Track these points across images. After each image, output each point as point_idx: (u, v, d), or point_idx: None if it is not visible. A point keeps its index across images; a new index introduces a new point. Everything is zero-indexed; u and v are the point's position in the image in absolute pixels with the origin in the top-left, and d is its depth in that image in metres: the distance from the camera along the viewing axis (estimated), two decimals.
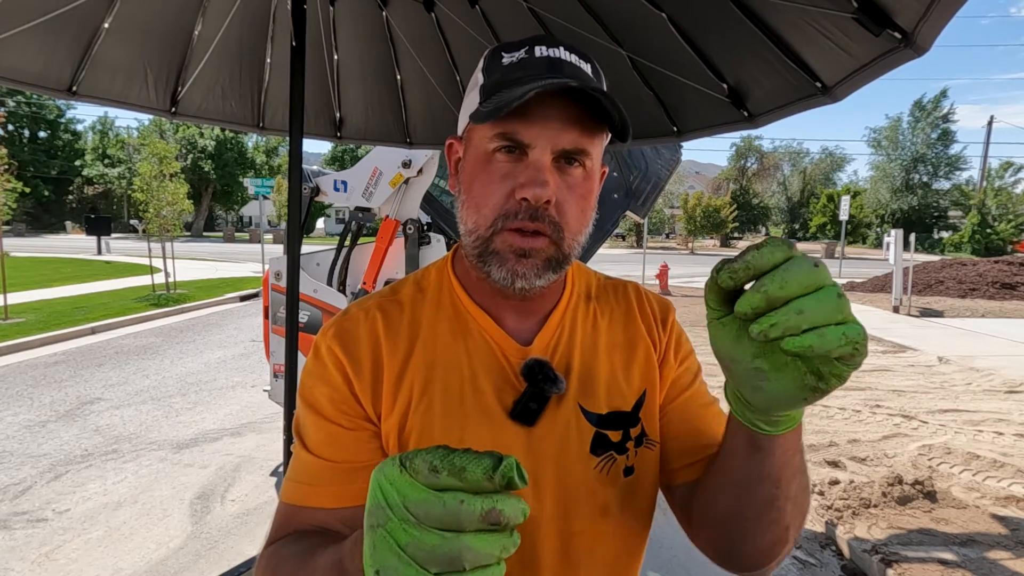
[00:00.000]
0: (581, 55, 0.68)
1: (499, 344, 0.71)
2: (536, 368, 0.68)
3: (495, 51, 0.69)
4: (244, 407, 5.28)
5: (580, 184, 0.66)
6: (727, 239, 42.11)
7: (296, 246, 2.04)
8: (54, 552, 3.00)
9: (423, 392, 0.69)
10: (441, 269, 0.78)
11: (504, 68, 0.66)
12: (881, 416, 5.06)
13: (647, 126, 2.00)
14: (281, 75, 2.20)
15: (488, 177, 0.65)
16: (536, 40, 0.68)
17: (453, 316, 0.73)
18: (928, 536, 3.09)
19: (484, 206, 0.65)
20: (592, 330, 0.76)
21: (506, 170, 0.64)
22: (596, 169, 0.68)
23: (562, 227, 0.65)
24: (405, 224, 3.76)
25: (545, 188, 0.62)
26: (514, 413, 0.68)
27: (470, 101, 0.69)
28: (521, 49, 0.67)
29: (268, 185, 15.46)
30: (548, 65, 0.65)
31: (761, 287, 0.44)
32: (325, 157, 51.08)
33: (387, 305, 0.74)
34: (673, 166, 4.21)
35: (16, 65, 1.77)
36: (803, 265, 0.43)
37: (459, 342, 0.71)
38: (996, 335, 8.88)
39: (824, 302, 0.43)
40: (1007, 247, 32.66)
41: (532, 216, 0.63)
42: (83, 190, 47.11)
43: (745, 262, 0.45)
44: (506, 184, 0.64)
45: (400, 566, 0.40)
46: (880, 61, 1.23)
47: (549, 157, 0.64)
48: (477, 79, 0.70)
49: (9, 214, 9.83)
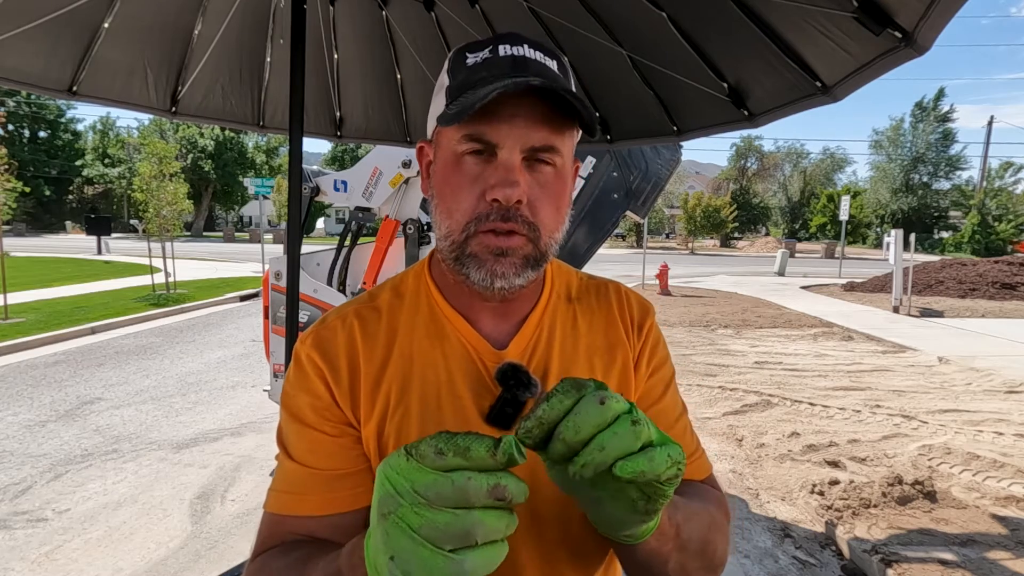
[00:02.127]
0: (547, 52, 0.67)
1: (475, 348, 0.71)
2: (510, 372, 0.68)
3: (460, 51, 0.68)
4: (244, 407, 5.28)
5: (552, 182, 0.65)
6: (727, 239, 42.11)
7: (296, 246, 2.04)
8: (54, 552, 3.00)
9: (400, 398, 0.68)
10: (419, 273, 0.78)
11: (468, 69, 0.65)
12: (881, 416, 5.06)
13: (647, 126, 2.00)
14: (281, 74, 2.20)
15: (458, 180, 0.65)
16: (500, 39, 0.67)
17: (430, 320, 0.73)
18: (928, 536, 3.09)
19: (456, 210, 0.65)
20: (572, 332, 0.75)
21: (476, 172, 0.64)
22: (568, 166, 0.68)
23: (537, 226, 0.65)
24: (405, 224, 3.76)
25: (515, 188, 0.62)
26: (489, 417, 0.67)
27: (437, 104, 0.69)
28: (485, 48, 0.66)
29: (268, 185, 15.46)
30: (512, 64, 0.64)
31: (559, 436, 0.46)
32: (325, 157, 51.10)
33: (364, 312, 0.74)
34: (673, 166, 4.21)
35: (16, 65, 1.77)
36: (590, 406, 0.46)
37: (436, 347, 0.71)
38: (996, 335, 8.88)
39: (621, 435, 0.46)
40: (1007, 247, 32.66)
41: (504, 217, 0.63)
42: (83, 190, 47.11)
43: (538, 419, 0.47)
44: (476, 186, 0.64)
45: (414, 547, 0.41)
46: (880, 61, 1.23)
47: (519, 156, 0.63)
48: (443, 81, 0.68)
49: (9, 214, 9.83)
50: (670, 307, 11.65)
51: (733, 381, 6.16)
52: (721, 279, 18.00)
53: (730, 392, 5.77)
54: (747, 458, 4.22)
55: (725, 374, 6.48)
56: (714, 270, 21.72)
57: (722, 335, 8.80)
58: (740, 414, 5.13)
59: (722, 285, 16.08)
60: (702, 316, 10.51)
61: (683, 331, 9.08)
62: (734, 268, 23.05)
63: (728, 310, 11.31)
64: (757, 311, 11.18)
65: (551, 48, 0.69)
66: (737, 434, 4.63)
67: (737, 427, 4.79)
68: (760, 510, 3.49)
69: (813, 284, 16.19)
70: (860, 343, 8.34)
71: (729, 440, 4.55)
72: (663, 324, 9.62)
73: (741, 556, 3.01)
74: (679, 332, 8.98)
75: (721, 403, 5.44)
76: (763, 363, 6.98)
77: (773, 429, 4.73)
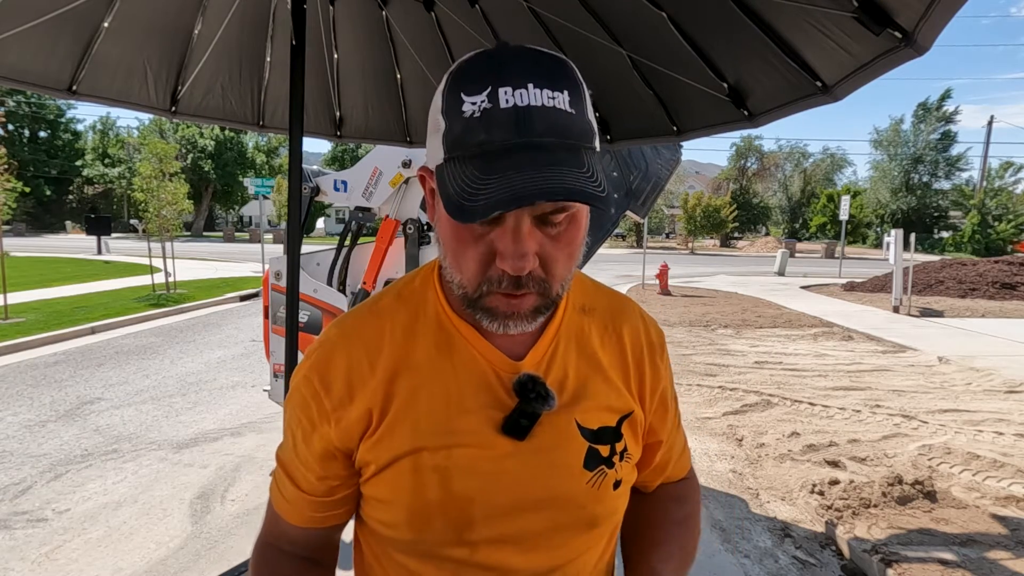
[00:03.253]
0: (553, 84, 0.57)
1: (489, 359, 0.70)
2: (529, 384, 0.67)
3: (454, 88, 0.59)
4: (244, 407, 5.28)
5: (565, 232, 0.61)
6: (727, 239, 42.10)
7: (296, 246, 2.04)
8: (54, 552, 2.99)
9: (407, 410, 0.68)
10: (426, 279, 0.75)
11: (465, 121, 0.57)
12: (881, 416, 5.06)
13: (647, 126, 2.00)
14: (281, 74, 2.20)
15: (464, 239, 0.61)
16: (499, 76, 0.56)
17: (438, 330, 0.71)
18: (928, 536, 3.09)
19: (465, 269, 0.62)
20: (586, 346, 0.75)
21: (482, 231, 0.60)
22: (582, 210, 0.62)
23: (549, 281, 0.62)
24: (405, 224, 3.75)
25: (525, 259, 0.58)
26: (505, 428, 0.67)
27: (434, 145, 0.62)
28: (483, 92, 0.56)
29: (268, 185, 15.47)
30: (516, 121, 0.55)
31: None
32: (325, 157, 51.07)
33: (367, 322, 0.73)
34: (673, 166, 4.20)
35: (16, 65, 1.77)
36: None
37: (444, 357, 0.70)
38: (996, 335, 8.88)
39: None
40: (1007, 247, 32.66)
41: (516, 284, 0.60)
42: (83, 190, 47.10)
43: None
44: (482, 246, 0.60)
45: None
46: (880, 60, 1.23)
47: (528, 222, 0.58)
48: (438, 123, 0.60)
49: (9, 214, 9.82)
50: (670, 307, 11.65)
51: (733, 381, 6.16)
52: (721, 279, 18.00)
53: (730, 392, 5.77)
54: (747, 458, 4.22)
55: (725, 374, 6.48)
56: (714, 270, 21.72)
57: (722, 335, 8.80)
58: (740, 414, 5.13)
59: (722, 285, 16.07)
60: (702, 316, 10.51)
61: (683, 331, 9.08)
62: (734, 268, 23.05)
63: (728, 310, 11.31)
64: (757, 311, 11.18)
65: (557, 73, 0.58)
66: (737, 434, 4.63)
67: (737, 427, 4.79)
68: (760, 510, 3.49)
69: (813, 284, 16.20)
70: (860, 343, 8.34)
71: (729, 440, 4.55)
72: (663, 324, 9.63)
73: (741, 556, 3.01)
74: (679, 332, 8.98)
75: (721, 403, 5.44)
76: (763, 363, 6.98)
77: (773, 429, 4.73)
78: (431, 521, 0.66)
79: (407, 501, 0.67)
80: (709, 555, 3.01)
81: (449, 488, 0.66)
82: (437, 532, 0.66)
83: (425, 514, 0.66)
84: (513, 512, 0.67)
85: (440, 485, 0.66)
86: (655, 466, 0.83)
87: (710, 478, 3.91)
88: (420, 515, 0.66)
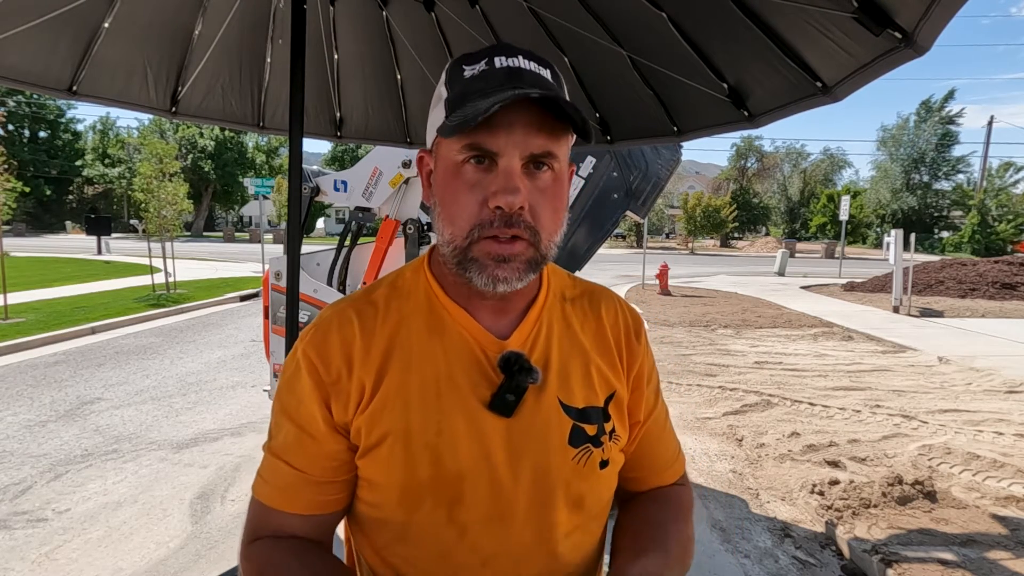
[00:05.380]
0: (540, 62, 0.70)
1: (476, 339, 0.73)
2: (512, 359, 0.70)
3: (456, 64, 0.71)
4: (244, 407, 5.28)
5: (550, 186, 0.68)
6: (727, 239, 42.09)
7: (296, 246, 2.04)
8: (54, 552, 2.99)
9: (399, 389, 0.70)
10: (417, 269, 0.79)
11: (466, 81, 0.68)
12: (881, 416, 5.06)
13: (647, 126, 2.00)
14: (281, 74, 2.20)
15: (459, 188, 0.67)
16: (495, 50, 0.69)
17: (428, 313, 0.75)
18: (928, 536, 3.09)
19: (459, 217, 0.67)
20: (568, 329, 0.78)
21: (476, 180, 0.66)
22: (564, 170, 0.71)
23: (538, 230, 0.67)
24: (405, 224, 3.76)
25: (517, 195, 0.64)
26: (492, 404, 0.70)
27: (436, 115, 0.71)
28: (481, 61, 0.68)
29: (268, 185, 15.47)
30: (508, 75, 0.66)
31: None
32: (325, 157, 51.08)
33: (361, 307, 0.76)
34: (673, 166, 4.20)
35: (16, 65, 1.77)
36: None
37: (435, 339, 0.73)
38: (996, 335, 8.88)
39: None
40: (1007, 247, 32.65)
41: (507, 223, 0.65)
42: (83, 190, 47.10)
43: None
44: (477, 194, 0.66)
45: None
46: (880, 61, 1.23)
47: (518, 163, 0.65)
48: (441, 93, 0.71)
49: (9, 214, 9.82)
50: (670, 307, 11.65)
51: (733, 381, 6.16)
52: (721, 279, 18.00)
53: (730, 392, 5.77)
54: (747, 458, 4.22)
55: (725, 374, 6.48)
56: (714, 270, 21.72)
57: (722, 335, 8.80)
58: (740, 414, 5.13)
59: (722, 285, 16.07)
60: (702, 316, 10.51)
61: (683, 331, 9.08)
62: (734, 268, 23.05)
63: (728, 310, 11.31)
64: (757, 311, 11.18)
65: (543, 58, 0.71)
66: (737, 434, 4.63)
67: (737, 427, 4.79)
68: (760, 510, 3.49)
69: (813, 284, 16.20)
70: (860, 343, 8.34)
71: (729, 440, 4.55)
72: (663, 324, 9.63)
73: (741, 556, 3.01)
74: (679, 332, 8.98)
75: (721, 403, 5.44)
76: (763, 363, 6.98)
77: (773, 429, 4.73)
78: (422, 500, 0.68)
79: (399, 479, 0.68)
80: (709, 555, 3.01)
81: (439, 465, 0.68)
82: (428, 512, 0.68)
83: (416, 493, 0.68)
84: (501, 489, 0.69)
85: (431, 463, 0.68)
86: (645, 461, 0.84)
87: (710, 478, 3.91)
88: (411, 494, 0.68)
